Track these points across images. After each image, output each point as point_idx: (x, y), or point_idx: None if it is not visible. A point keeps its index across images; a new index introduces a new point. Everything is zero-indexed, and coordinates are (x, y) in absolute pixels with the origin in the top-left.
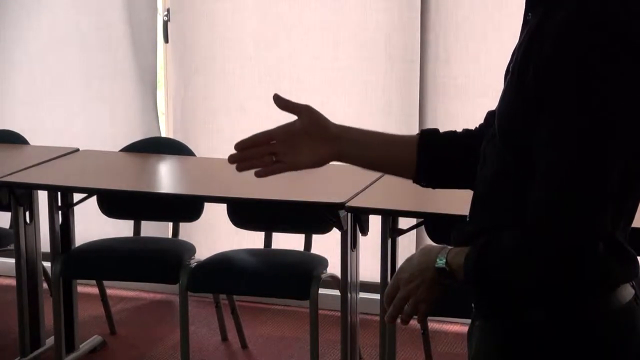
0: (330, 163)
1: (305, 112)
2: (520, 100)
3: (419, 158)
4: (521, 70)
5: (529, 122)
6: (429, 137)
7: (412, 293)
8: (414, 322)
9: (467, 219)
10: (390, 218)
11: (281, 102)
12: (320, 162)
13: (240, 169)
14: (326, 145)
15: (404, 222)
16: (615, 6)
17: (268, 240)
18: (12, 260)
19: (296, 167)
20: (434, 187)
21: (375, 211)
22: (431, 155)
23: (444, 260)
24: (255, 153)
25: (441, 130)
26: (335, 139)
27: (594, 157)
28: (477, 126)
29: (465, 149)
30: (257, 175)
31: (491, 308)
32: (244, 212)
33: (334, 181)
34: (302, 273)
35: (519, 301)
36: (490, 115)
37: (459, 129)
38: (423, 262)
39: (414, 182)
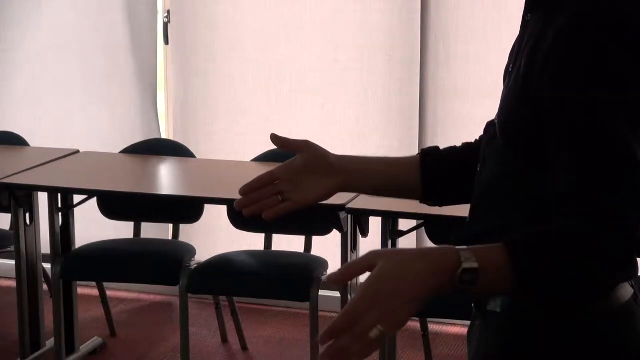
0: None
1: (304, 148)
2: (525, 102)
3: (423, 179)
4: (527, 72)
5: (535, 123)
6: (430, 157)
7: (394, 310)
8: (414, 324)
9: (467, 221)
10: (390, 220)
11: (279, 141)
12: (327, 196)
13: (248, 213)
14: (330, 178)
15: (404, 224)
16: (622, 5)
17: (268, 242)
18: (12, 262)
19: (304, 204)
20: (441, 206)
21: (376, 213)
22: (434, 176)
23: (474, 258)
24: (261, 195)
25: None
26: (338, 171)
27: (614, 154)
28: (477, 139)
29: (467, 165)
30: (266, 217)
31: (491, 308)
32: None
33: None
34: (302, 275)
35: (530, 301)
36: (489, 126)
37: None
38: (424, 268)
39: (421, 202)
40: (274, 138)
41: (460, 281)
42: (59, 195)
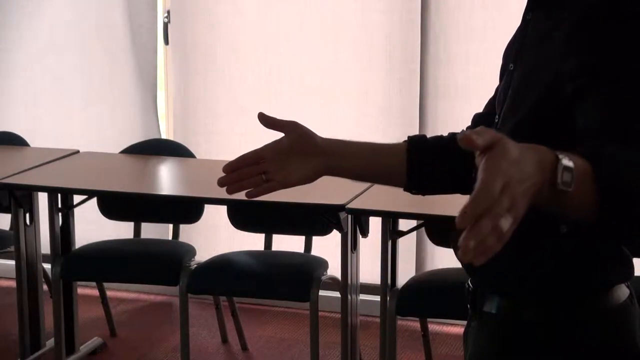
0: None
1: (291, 129)
2: (532, 98)
3: (408, 166)
4: (533, 69)
5: (541, 123)
6: (416, 145)
7: (519, 199)
8: (414, 324)
9: None
10: (390, 220)
11: (266, 120)
12: (311, 178)
13: (230, 191)
14: (315, 160)
15: (404, 224)
16: None
17: (268, 242)
18: (12, 262)
19: (287, 185)
20: (423, 194)
21: (376, 213)
22: (420, 163)
23: (568, 158)
24: (245, 174)
25: (431, 133)
26: (324, 153)
27: None
28: (465, 129)
29: (453, 155)
30: (248, 195)
31: (487, 309)
32: (244, 214)
33: (334, 183)
34: (302, 275)
35: (517, 301)
36: (478, 117)
37: (457, 131)
38: (535, 158)
39: (404, 190)
40: (261, 117)
41: (562, 181)
42: (59, 195)
